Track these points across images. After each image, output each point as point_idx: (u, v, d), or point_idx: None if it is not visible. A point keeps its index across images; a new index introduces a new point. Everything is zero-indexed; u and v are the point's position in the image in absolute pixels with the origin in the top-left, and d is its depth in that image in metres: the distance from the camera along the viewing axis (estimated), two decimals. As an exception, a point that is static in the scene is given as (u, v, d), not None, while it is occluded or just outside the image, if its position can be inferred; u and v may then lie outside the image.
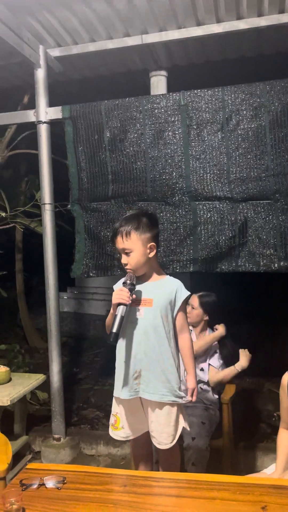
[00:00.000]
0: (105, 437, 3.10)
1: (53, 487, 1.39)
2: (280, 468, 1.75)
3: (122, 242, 1.81)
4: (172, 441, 1.87)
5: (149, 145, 2.73)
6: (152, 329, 1.83)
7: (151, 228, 1.86)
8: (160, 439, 1.87)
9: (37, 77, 2.98)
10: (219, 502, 1.29)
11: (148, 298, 1.85)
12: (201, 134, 2.65)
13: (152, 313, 1.83)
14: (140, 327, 1.84)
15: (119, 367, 1.89)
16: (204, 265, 2.68)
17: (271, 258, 2.59)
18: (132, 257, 1.81)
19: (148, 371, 1.83)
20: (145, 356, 1.83)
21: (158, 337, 1.83)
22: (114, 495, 1.37)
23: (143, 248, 1.82)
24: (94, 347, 5.49)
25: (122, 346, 1.88)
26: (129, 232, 1.80)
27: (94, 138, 2.83)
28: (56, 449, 2.98)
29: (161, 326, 1.84)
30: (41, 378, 2.97)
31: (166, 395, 1.83)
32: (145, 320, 1.84)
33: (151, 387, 1.82)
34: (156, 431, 1.87)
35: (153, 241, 1.85)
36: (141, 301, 1.85)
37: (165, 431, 1.86)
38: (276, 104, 2.52)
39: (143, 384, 1.83)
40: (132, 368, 1.84)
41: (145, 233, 1.83)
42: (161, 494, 1.39)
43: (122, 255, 1.84)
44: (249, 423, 3.21)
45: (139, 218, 1.84)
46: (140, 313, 1.84)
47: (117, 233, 1.83)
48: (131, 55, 3.11)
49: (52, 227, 3.00)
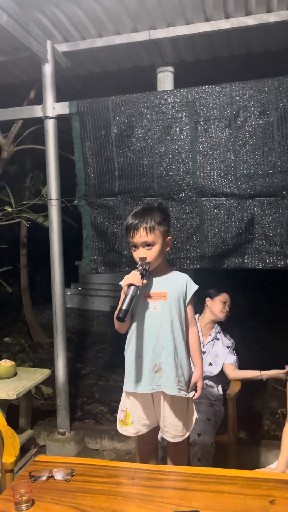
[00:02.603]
0: (109, 432, 3.11)
1: (61, 479, 1.40)
2: (283, 464, 1.75)
3: (146, 236, 1.79)
4: (186, 432, 1.90)
5: (156, 141, 2.73)
6: (168, 322, 1.84)
7: (168, 222, 1.90)
8: (175, 432, 1.88)
9: (44, 72, 2.98)
10: (227, 496, 1.29)
11: (162, 292, 1.85)
12: (208, 130, 2.64)
13: (167, 306, 1.84)
14: (157, 321, 1.84)
15: (133, 361, 1.87)
16: (211, 262, 2.68)
17: (277, 256, 2.59)
18: (154, 250, 1.82)
19: (166, 365, 1.83)
20: (163, 349, 1.83)
21: (174, 330, 1.84)
22: (123, 487, 1.38)
23: (163, 242, 1.84)
24: (97, 343, 5.51)
25: (136, 340, 1.87)
26: (154, 226, 1.80)
27: (101, 134, 2.83)
28: (61, 443, 3.00)
29: (177, 319, 1.85)
30: (47, 372, 2.98)
31: (183, 389, 1.85)
32: (161, 313, 1.84)
33: (170, 381, 1.83)
34: (170, 425, 1.88)
35: (169, 235, 1.89)
36: (156, 294, 1.85)
37: (180, 424, 1.88)
38: (284, 101, 2.51)
39: (164, 378, 1.83)
40: (151, 362, 1.84)
41: (165, 227, 1.85)
42: (169, 487, 1.40)
43: (140, 249, 1.82)
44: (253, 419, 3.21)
45: (158, 212, 1.85)
46: (155, 306, 1.84)
47: (138, 227, 1.79)
48: (138, 50, 3.11)
49: (59, 222, 3.00)
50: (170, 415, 1.88)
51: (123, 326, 1.88)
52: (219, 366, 2.64)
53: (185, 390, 1.87)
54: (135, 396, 1.91)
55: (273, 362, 2.55)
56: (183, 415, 1.89)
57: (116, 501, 1.29)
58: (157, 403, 1.90)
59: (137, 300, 1.83)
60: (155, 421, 1.94)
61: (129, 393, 1.92)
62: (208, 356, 2.65)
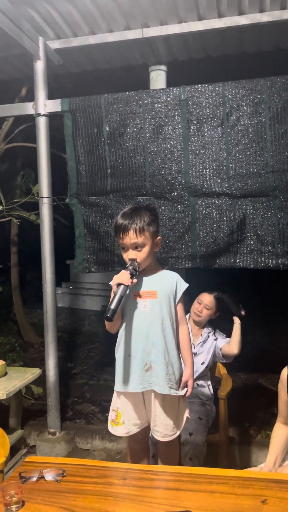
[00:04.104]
0: (100, 432, 3.10)
1: (52, 480, 1.38)
2: (271, 462, 1.76)
3: (135, 238, 1.78)
4: (176, 431, 1.89)
5: (149, 140, 2.72)
6: (158, 321, 1.83)
7: (157, 222, 1.89)
8: (166, 431, 1.88)
9: (36, 69, 2.96)
10: (219, 496, 1.29)
11: (152, 290, 1.85)
12: (201, 129, 2.64)
13: (157, 305, 1.84)
14: (147, 319, 1.83)
15: (123, 360, 1.87)
16: (203, 261, 2.68)
17: (269, 255, 2.59)
18: (143, 252, 1.81)
19: (157, 364, 1.83)
20: (153, 348, 1.83)
21: (164, 328, 1.84)
22: (114, 488, 1.36)
23: (153, 243, 1.84)
24: (88, 342, 5.49)
25: (126, 339, 1.86)
26: (143, 228, 1.78)
27: (93, 132, 2.81)
28: (52, 443, 2.98)
29: (167, 318, 1.85)
30: (37, 372, 2.96)
31: (173, 388, 1.84)
32: (151, 312, 1.84)
33: (160, 380, 1.83)
34: (161, 424, 1.87)
35: (159, 235, 1.89)
36: (146, 293, 1.85)
37: (170, 423, 1.87)
38: (276, 101, 2.52)
39: (154, 377, 1.83)
40: (141, 361, 1.83)
41: (155, 227, 1.85)
42: (160, 487, 1.39)
43: (130, 251, 1.81)
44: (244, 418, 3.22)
45: (146, 213, 1.84)
46: (145, 305, 1.84)
47: (128, 229, 1.78)
48: (131, 49, 3.10)
49: (50, 221, 2.98)
50: (161, 414, 1.87)
51: (114, 326, 1.87)
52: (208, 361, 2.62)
53: (176, 388, 1.86)
54: (126, 395, 1.90)
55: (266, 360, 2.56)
56: (174, 414, 1.89)
57: (107, 502, 1.28)
58: (148, 403, 1.89)
59: (127, 299, 1.82)
60: (146, 421, 1.93)
61: (120, 392, 1.91)
62: (200, 356, 2.64)
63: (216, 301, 2.64)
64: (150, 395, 1.87)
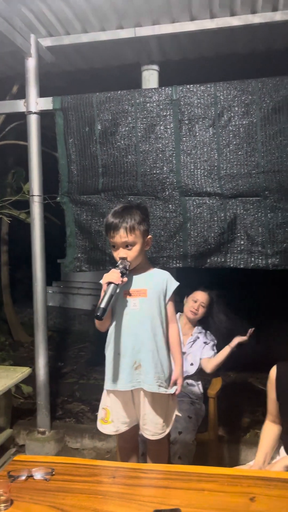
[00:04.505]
0: (90, 431, 3.10)
1: (41, 479, 1.38)
2: (260, 460, 1.77)
3: (126, 237, 1.78)
4: (166, 430, 1.90)
5: (140, 139, 2.72)
6: (148, 319, 1.84)
7: (148, 221, 1.90)
8: (155, 430, 1.88)
9: (27, 67, 2.94)
10: (208, 494, 1.30)
11: (142, 289, 1.85)
12: (192, 129, 2.65)
13: (147, 303, 1.84)
14: (136, 318, 1.84)
15: (113, 359, 1.87)
16: (194, 260, 2.69)
17: (259, 255, 2.61)
18: (134, 250, 1.81)
19: (146, 362, 1.83)
20: (143, 346, 1.83)
21: (154, 327, 1.84)
22: (103, 486, 1.36)
23: (143, 242, 1.84)
24: (79, 342, 5.48)
25: (116, 337, 1.87)
26: (134, 226, 1.79)
27: (85, 131, 2.81)
28: (41, 442, 2.97)
29: (156, 316, 1.85)
30: (27, 371, 2.95)
31: (162, 386, 1.85)
32: (141, 310, 1.84)
33: (149, 378, 1.83)
34: (150, 422, 1.88)
35: (149, 234, 1.89)
36: (135, 292, 1.85)
37: (159, 421, 1.88)
38: (267, 102, 2.54)
39: (143, 375, 1.83)
40: (131, 359, 1.83)
41: (145, 226, 1.85)
42: (150, 485, 1.39)
43: (120, 249, 1.81)
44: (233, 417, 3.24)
45: (137, 212, 1.84)
46: (135, 303, 1.84)
47: (118, 228, 1.78)
48: (123, 48, 3.10)
49: (41, 219, 2.97)
50: (150, 412, 1.87)
51: (104, 324, 1.87)
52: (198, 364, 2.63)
53: (165, 386, 1.86)
54: (115, 394, 1.90)
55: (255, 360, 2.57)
56: (163, 413, 1.89)
57: (96, 500, 1.28)
58: (137, 401, 1.90)
59: (117, 297, 1.82)
60: (135, 419, 1.93)
61: (109, 391, 1.91)
62: (189, 356, 2.65)
63: (210, 299, 2.66)
64: (140, 393, 1.87)
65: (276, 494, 1.28)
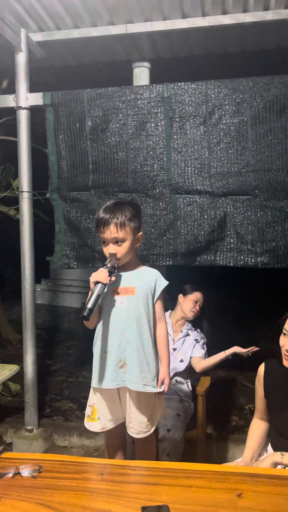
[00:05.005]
0: (78, 429, 3.09)
1: (28, 476, 1.36)
2: (248, 457, 1.78)
3: (116, 232, 1.78)
4: (151, 428, 1.89)
5: (131, 136, 2.71)
6: (134, 318, 1.83)
7: (139, 218, 1.89)
8: (140, 428, 1.87)
9: (17, 61, 2.91)
10: (196, 490, 1.29)
11: (130, 287, 1.84)
12: (183, 127, 2.65)
13: (134, 302, 1.83)
14: (123, 316, 1.83)
15: (100, 356, 1.86)
16: (184, 258, 2.69)
17: (248, 254, 2.62)
18: (123, 247, 1.80)
19: (131, 361, 1.82)
20: (128, 345, 1.82)
21: (140, 325, 1.83)
22: (91, 483, 1.36)
23: (134, 238, 1.84)
24: (68, 340, 5.45)
25: (103, 335, 1.86)
26: (124, 223, 1.78)
27: (75, 127, 2.79)
28: (29, 440, 2.95)
29: (144, 315, 1.84)
30: (15, 368, 2.91)
31: (148, 385, 1.83)
32: (128, 308, 1.83)
33: (135, 377, 1.82)
34: (135, 421, 1.87)
35: (140, 231, 1.89)
36: (123, 289, 1.84)
37: (144, 420, 1.87)
38: (258, 101, 2.55)
39: (128, 374, 1.82)
40: (116, 357, 1.83)
41: (136, 223, 1.84)
42: (138, 482, 1.39)
43: (110, 245, 1.80)
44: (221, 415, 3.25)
45: (128, 208, 1.83)
46: (122, 301, 1.83)
47: (109, 223, 1.77)
48: (114, 44, 3.08)
49: (30, 216, 2.95)
50: (135, 411, 1.87)
51: (91, 322, 1.86)
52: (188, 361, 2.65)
53: (151, 385, 1.85)
54: (101, 391, 1.89)
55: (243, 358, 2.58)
56: (149, 412, 1.88)
57: (84, 497, 1.27)
58: (123, 399, 1.89)
59: (105, 295, 1.81)
60: (122, 417, 1.93)
61: (96, 388, 1.90)
62: (179, 353, 2.66)
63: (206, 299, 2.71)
64: (126, 391, 1.87)
65: (263, 490, 1.29)
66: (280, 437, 1.72)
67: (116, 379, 1.83)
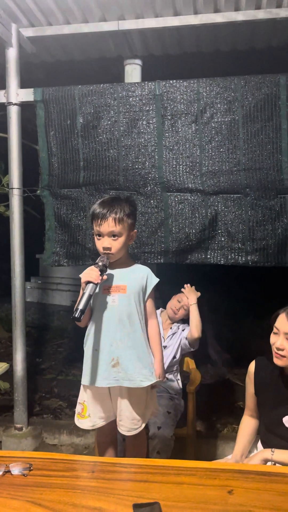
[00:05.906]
0: (68, 427, 3.08)
1: (19, 474, 1.35)
2: (238, 454, 1.79)
3: (114, 226, 1.77)
4: (141, 425, 1.89)
5: (123, 134, 2.70)
6: (126, 316, 1.82)
7: (135, 216, 1.90)
8: (131, 425, 1.87)
9: (8, 57, 2.89)
10: (186, 487, 1.30)
11: (121, 285, 1.84)
12: (175, 125, 2.65)
13: (126, 300, 1.83)
14: (115, 314, 1.82)
15: (91, 354, 1.86)
16: (175, 256, 2.69)
17: (239, 252, 2.63)
18: (119, 241, 1.80)
19: (125, 359, 1.82)
20: (121, 343, 1.82)
21: (133, 323, 1.83)
22: (82, 481, 1.35)
23: (129, 235, 1.84)
24: (57, 338, 5.43)
25: (95, 333, 1.85)
26: (122, 218, 1.78)
27: (66, 123, 2.77)
28: (18, 438, 2.93)
29: (135, 313, 1.84)
30: (4, 366, 2.89)
31: (143, 382, 1.83)
32: (119, 307, 1.82)
33: (129, 375, 1.81)
34: (126, 418, 1.87)
35: (135, 229, 1.90)
36: (115, 288, 1.83)
37: (136, 417, 1.87)
38: (249, 99, 2.56)
39: (122, 373, 1.82)
40: (108, 356, 1.82)
41: (132, 220, 1.85)
42: (128, 479, 1.39)
43: (105, 238, 1.80)
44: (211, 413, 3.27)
45: (127, 204, 1.84)
46: (114, 299, 1.83)
47: (107, 216, 1.77)
48: (106, 41, 3.07)
49: (20, 212, 2.92)
50: (126, 409, 1.87)
51: (83, 321, 1.85)
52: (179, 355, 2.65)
53: (145, 382, 1.84)
54: (92, 389, 1.89)
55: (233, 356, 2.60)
56: (140, 409, 1.88)
57: (75, 495, 1.26)
58: (114, 397, 1.89)
59: (96, 294, 1.81)
60: (112, 414, 1.92)
61: (86, 386, 1.90)
62: (169, 350, 2.66)
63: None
64: (117, 389, 1.86)
65: (253, 487, 1.30)
66: (269, 434, 1.73)
67: (108, 377, 1.83)
